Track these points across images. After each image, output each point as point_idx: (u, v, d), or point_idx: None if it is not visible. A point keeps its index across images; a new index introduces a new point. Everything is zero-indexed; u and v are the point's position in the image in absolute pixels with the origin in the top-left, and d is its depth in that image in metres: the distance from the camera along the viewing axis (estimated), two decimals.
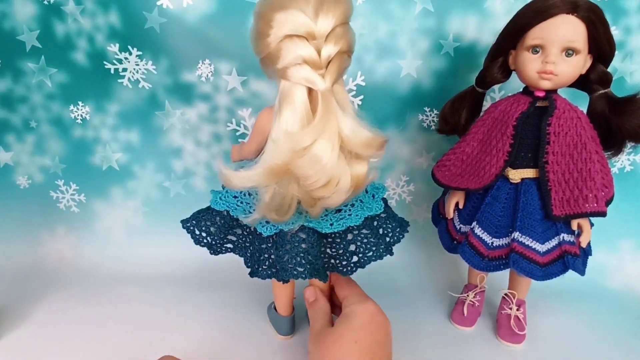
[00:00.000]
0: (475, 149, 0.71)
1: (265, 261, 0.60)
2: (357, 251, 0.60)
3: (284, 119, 0.48)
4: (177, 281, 0.91)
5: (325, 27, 0.46)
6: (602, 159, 0.65)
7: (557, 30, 0.60)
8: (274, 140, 0.49)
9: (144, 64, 0.88)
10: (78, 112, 0.93)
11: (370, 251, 0.60)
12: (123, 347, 0.73)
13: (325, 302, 0.64)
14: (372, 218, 0.61)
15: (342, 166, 0.50)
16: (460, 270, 0.95)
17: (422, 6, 0.83)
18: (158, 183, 1.00)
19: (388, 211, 0.63)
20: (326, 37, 0.46)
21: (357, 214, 0.58)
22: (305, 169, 0.48)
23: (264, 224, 0.57)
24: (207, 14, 0.83)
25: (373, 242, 0.60)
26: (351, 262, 0.60)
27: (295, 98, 0.48)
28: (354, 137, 0.50)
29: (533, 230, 0.66)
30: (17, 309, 0.81)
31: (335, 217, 0.58)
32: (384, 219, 0.62)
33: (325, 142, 0.48)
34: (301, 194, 0.51)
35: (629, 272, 0.93)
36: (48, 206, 0.99)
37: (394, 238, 0.63)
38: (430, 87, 0.89)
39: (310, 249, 0.57)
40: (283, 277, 0.58)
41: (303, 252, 0.57)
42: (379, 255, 0.60)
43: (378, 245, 0.60)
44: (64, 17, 0.85)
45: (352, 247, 0.60)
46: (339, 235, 0.60)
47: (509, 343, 0.74)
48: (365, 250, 0.60)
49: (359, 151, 0.51)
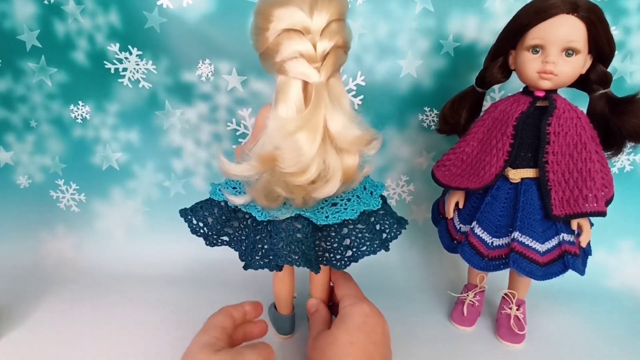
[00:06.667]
0: (475, 148, 0.71)
1: (258, 251, 0.61)
2: (351, 245, 0.60)
3: (278, 110, 0.51)
4: (177, 281, 0.91)
5: (320, 23, 0.48)
6: (602, 159, 0.66)
7: (557, 30, 0.60)
8: (268, 129, 0.52)
9: (144, 64, 0.88)
10: (78, 112, 0.93)
11: (365, 246, 0.60)
12: (123, 347, 0.73)
13: (325, 310, 0.64)
14: (369, 214, 0.62)
15: (333, 158, 0.52)
16: (460, 270, 0.94)
17: (422, 6, 0.83)
18: (158, 183, 1.00)
19: (386, 208, 0.64)
20: (321, 32, 0.49)
21: (353, 208, 0.59)
22: (284, 152, 0.50)
23: (259, 209, 0.58)
24: (207, 14, 0.83)
25: (368, 237, 0.60)
26: (345, 255, 0.61)
27: (290, 91, 0.50)
28: (343, 133, 0.51)
29: (533, 230, 0.66)
30: (17, 309, 0.81)
31: (331, 210, 0.59)
32: (382, 215, 0.63)
33: (308, 133, 0.50)
34: (283, 184, 0.53)
35: (629, 272, 0.93)
36: (48, 206, 0.99)
37: (390, 234, 0.63)
38: (430, 87, 0.89)
39: (304, 239, 0.58)
40: (277, 263, 0.59)
41: (297, 241, 0.58)
42: (373, 250, 0.60)
43: (372, 241, 0.60)
44: (64, 16, 0.85)
45: (346, 241, 0.60)
46: (334, 229, 0.60)
47: (509, 343, 0.74)
48: (359, 244, 0.60)
49: (346, 147, 0.52)
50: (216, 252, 0.72)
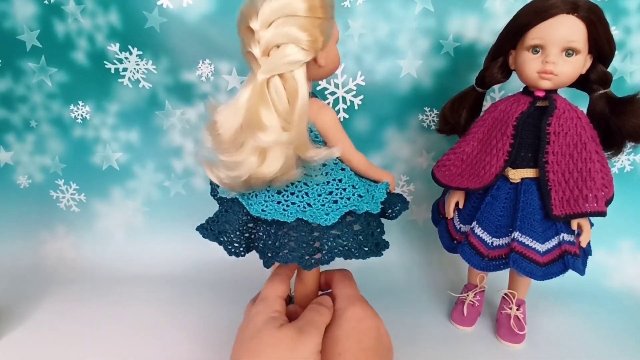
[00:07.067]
0: (475, 148, 0.71)
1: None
2: (321, 248, 0.57)
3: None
4: (177, 281, 0.91)
5: (263, 20, 0.48)
6: (602, 159, 0.66)
7: (557, 30, 0.60)
8: None
9: (144, 64, 0.88)
10: (78, 112, 0.93)
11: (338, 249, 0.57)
12: (123, 347, 0.73)
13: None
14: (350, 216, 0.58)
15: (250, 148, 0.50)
16: (460, 270, 0.94)
17: (422, 6, 0.83)
18: (158, 183, 1.00)
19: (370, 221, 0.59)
20: (265, 28, 0.48)
21: (355, 204, 0.56)
22: (213, 128, 0.51)
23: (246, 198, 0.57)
24: (207, 14, 0.83)
25: (343, 243, 0.57)
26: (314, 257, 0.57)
27: (247, 83, 0.51)
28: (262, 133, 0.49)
29: (533, 230, 0.66)
30: (17, 309, 0.81)
31: (332, 208, 0.56)
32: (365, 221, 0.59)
33: (230, 115, 0.50)
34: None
35: (629, 272, 0.93)
36: (48, 206, 0.99)
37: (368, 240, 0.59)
38: (430, 87, 0.89)
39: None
40: (280, 260, 0.56)
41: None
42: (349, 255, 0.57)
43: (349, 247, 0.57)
44: (64, 16, 0.85)
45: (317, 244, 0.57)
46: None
47: (509, 343, 0.74)
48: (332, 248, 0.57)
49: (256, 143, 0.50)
50: (216, 252, 0.71)
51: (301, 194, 0.58)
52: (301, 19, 0.49)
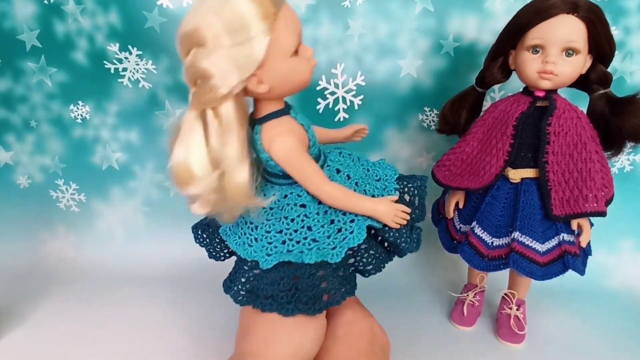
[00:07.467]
0: (475, 148, 0.71)
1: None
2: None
3: None
4: (177, 281, 0.91)
5: (181, 48, 0.46)
6: (602, 159, 0.66)
7: (557, 30, 0.60)
8: None
9: (144, 64, 0.88)
10: (78, 112, 0.93)
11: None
12: (123, 347, 0.73)
13: None
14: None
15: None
16: (460, 270, 0.94)
17: (422, 6, 0.83)
18: (158, 183, 1.00)
19: (370, 242, 0.57)
20: (185, 57, 0.46)
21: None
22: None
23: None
24: None
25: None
26: None
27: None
28: (181, 161, 0.50)
29: (533, 230, 0.66)
30: (17, 309, 0.81)
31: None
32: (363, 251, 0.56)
33: (180, 148, 0.51)
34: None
35: (629, 272, 0.93)
36: (48, 206, 0.99)
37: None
38: (430, 87, 0.89)
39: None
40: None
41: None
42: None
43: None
44: (64, 16, 0.85)
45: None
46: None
47: (509, 343, 0.74)
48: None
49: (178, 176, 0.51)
50: None
51: (252, 225, 0.52)
52: (208, 49, 0.43)
